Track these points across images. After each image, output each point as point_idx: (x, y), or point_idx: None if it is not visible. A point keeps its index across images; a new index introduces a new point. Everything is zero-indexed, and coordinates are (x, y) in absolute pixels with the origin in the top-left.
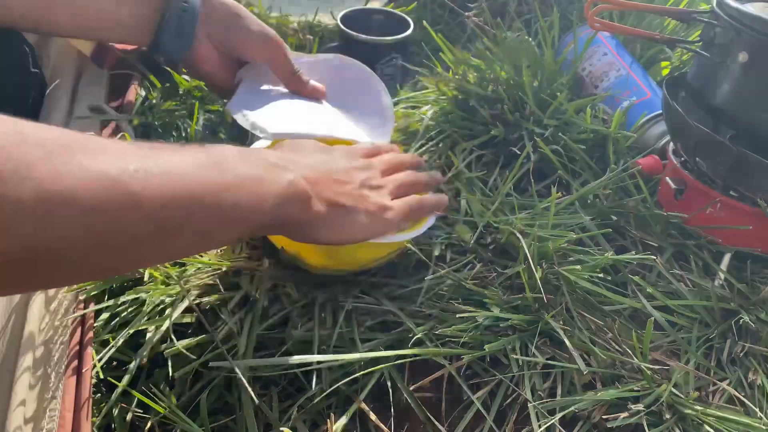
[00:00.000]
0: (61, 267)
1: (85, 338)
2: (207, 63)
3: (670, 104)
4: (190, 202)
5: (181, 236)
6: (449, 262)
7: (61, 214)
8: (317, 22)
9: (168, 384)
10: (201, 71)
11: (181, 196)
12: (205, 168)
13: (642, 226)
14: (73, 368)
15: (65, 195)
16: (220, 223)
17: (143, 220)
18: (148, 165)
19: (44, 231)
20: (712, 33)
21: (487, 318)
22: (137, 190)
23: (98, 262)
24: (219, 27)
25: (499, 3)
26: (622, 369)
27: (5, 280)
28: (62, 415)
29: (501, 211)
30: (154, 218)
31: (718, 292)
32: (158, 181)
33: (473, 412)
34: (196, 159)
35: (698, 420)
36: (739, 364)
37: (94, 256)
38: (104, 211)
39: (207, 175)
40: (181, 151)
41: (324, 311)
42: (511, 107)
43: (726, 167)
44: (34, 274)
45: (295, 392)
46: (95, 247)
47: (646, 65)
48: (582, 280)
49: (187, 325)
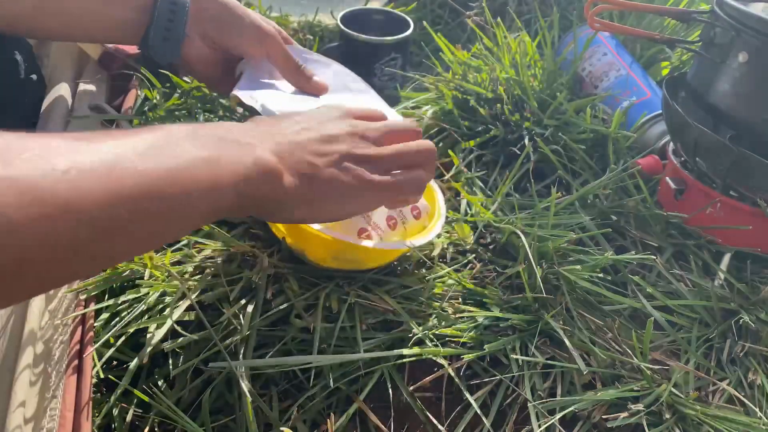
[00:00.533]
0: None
1: (86, 337)
2: (201, 61)
3: (670, 104)
4: (131, 198)
5: (128, 235)
6: (449, 262)
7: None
8: (317, 22)
9: (168, 383)
10: (195, 69)
11: (119, 193)
12: (147, 155)
13: (642, 226)
14: (73, 367)
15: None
16: (171, 217)
17: (77, 226)
18: (79, 161)
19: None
20: (711, 33)
21: (487, 318)
22: (64, 194)
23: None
24: (211, 25)
25: (499, 3)
26: (622, 369)
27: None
28: (63, 415)
29: (501, 211)
30: (91, 221)
31: (718, 292)
32: (90, 179)
33: (473, 412)
34: (138, 146)
35: (698, 420)
36: (739, 364)
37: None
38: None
39: (149, 164)
40: (121, 138)
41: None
42: (511, 107)
43: (726, 167)
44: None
45: (295, 392)
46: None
47: (646, 65)
48: (582, 280)
49: (188, 323)
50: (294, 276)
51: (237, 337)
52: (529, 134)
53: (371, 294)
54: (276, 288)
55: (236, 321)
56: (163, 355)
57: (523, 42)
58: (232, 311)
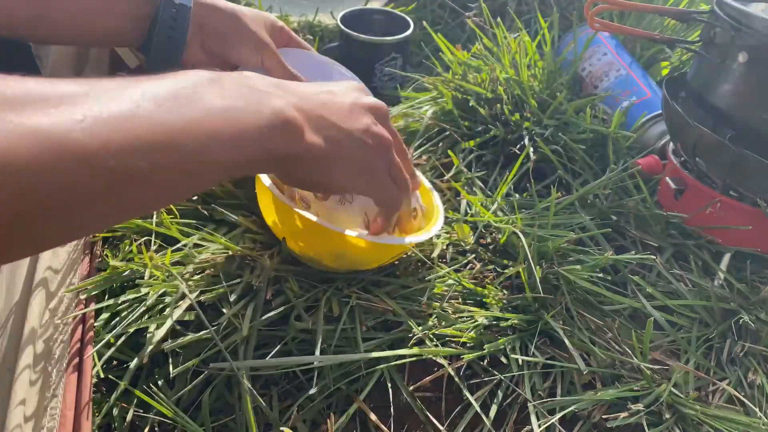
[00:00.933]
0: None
1: (86, 337)
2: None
3: (670, 104)
4: (149, 149)
5: (145, 187)
6: (449, 262)
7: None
8: (317, 22)
9: (168, 383)
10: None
11: (137, 143)
12: (166, 105)
13: (642, 226)
14: (74, 366)
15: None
16: (192, 168)
17: (94, 175)
18: (96, 110)
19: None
20: (711, 33)
21: (486, 318)
22: (82, 142)
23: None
24: (211, 38)
25: (499, 3)
26: (622, 369)
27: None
28: (63, 414)
29: (501, 211)
30: (107, 171)
31: (718, 292)
32: (108, 127)
33: (473, 412)
34: (159, 94)
35: (698, 420)
36: (739, 364)
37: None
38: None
39: (168, 114)
40: (143, 85)
41: (328, 305)
42: (511, 107)
43: (726, 167)
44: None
45: (295, 392)
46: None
47: (646, 65)
48: (582, 280)
49: (188, 323)
50: (294, 277)
51: (237, 338)
52: (529, 134)
53: (371, 295)
54: (276, 289)
55: (236, 321)
56: (163, 355)
57: (523, 42)
58: (232, 311)
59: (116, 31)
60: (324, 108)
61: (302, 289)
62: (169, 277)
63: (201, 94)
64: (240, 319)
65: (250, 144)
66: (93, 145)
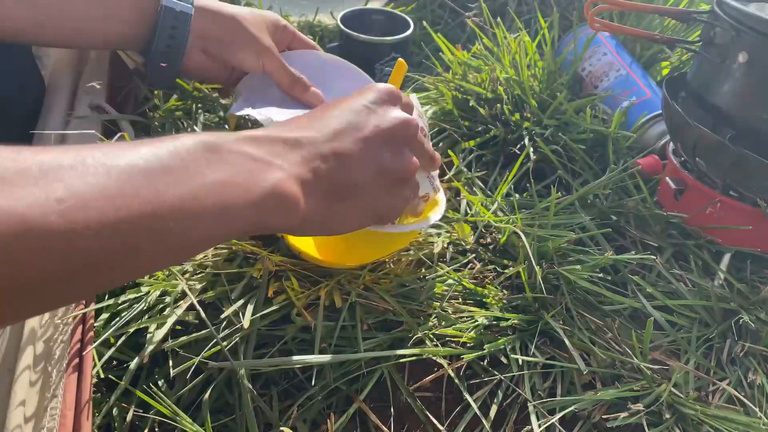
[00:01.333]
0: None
1: (86, 337)
2: (199, 70)
3: (670, 104)
4: (134, 230)
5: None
6: (449, 262)
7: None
8: (317, 22)
9: (168, 383)
10: (193, 75)
11: (121, 225)
12: (157, 180)
13: (642, 226)
14: (74, 366)
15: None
16: (175, 246)
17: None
18: (78, 187)
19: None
20: (711, 33)
21: (486, 318)
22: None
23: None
24: (212, 43)
25: (499, 3)
26: (621, 369)
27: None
28: (63, 414)
29: (501, 211)
30: (87, 250)
31: (718, 292)
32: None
33: (473, 412)
34: (150, 166)
35: (698, 420)
36: (739, 364)
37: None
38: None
39: (158, 191)
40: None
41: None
42: (511, 107)
43: (726, 167)
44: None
45: (295, 391)
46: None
47: (646, 65)
48: (582, 280)
49: (188, 322)
50: (295, 274)
51: (237, 337)
52: (529, 134)
53: (372, 293)
54: (277, 286)
55: (236, 320)
56: (163, 355)
57: (523, 42)
58: (232, 310)
59: (117, 37)
60: (335, 158)
61: (303, 286)
62: (169, 276)
63: (195, 168)
64: (241, 317)
65: (241, 220)
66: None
